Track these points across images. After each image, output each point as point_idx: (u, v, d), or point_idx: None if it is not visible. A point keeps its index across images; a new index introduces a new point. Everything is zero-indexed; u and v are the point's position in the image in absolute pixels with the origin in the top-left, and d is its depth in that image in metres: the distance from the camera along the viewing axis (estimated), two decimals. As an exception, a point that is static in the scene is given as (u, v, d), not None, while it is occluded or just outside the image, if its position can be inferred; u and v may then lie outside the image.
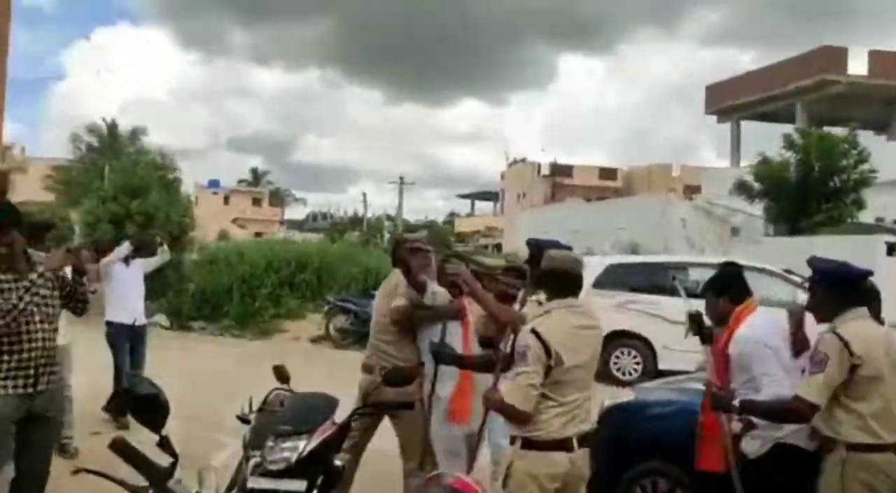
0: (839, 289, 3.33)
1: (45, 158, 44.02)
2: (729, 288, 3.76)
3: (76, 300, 4.05)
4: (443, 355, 4.09)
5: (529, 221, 33.66)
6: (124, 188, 15.98)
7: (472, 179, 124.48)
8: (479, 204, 63.75)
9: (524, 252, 4.64)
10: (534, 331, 3.17)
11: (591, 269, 11.29)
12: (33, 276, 3.73)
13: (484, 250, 34.92)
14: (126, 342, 7.14)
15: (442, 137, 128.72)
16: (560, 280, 3.31)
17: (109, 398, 7.11)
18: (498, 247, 45.89)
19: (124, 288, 7.19)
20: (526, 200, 47.93)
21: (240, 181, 68.41)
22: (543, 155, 51.49)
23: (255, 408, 4.29)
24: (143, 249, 7.52)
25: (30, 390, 3.78)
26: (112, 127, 42.08)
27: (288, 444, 3.10)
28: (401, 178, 47.21)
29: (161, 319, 14.99)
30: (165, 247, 7.88)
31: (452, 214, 68.83)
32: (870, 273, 3.44)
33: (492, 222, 55.80)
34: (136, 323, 7.26)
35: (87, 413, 6.76)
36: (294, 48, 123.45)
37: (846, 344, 3.16)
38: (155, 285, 15.85)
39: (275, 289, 15.19)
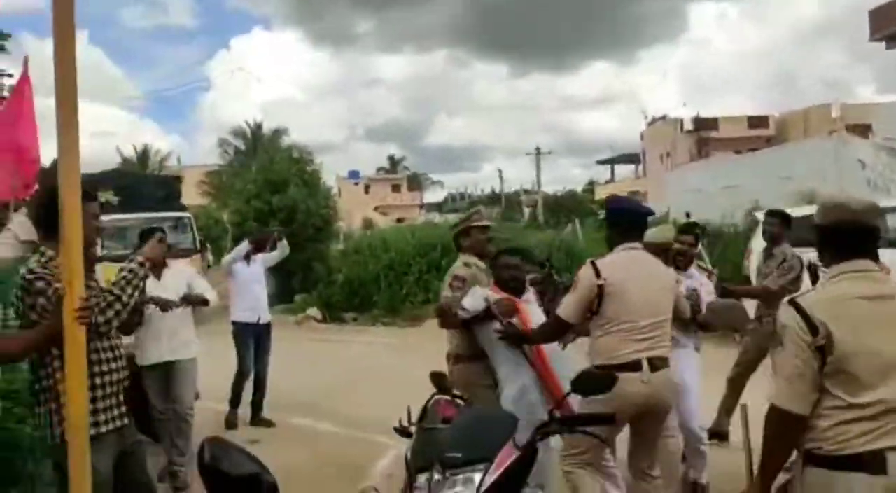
0: None
1: (199, 165, 46.66)
2: None
3: (133, 312, 3.19)
4: (509, 335, 3.83)
5: (677, 181, 31.70)
6: (265, 185, 16.14)
7: (609, 143, 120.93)
8: (619, 168, 61.47)
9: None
10: (793, 302, 2.28)
11: (769, 225, 10.12)
12: (133, 265, 2.96)
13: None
14: (251, 341, 7.07)
15: (573, 104, 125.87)
16: (846, 236, 2.35)
17: (227, 415, 7.00)
18: (644, 211, 43.95)
19: (247, 286, 7.10)
20: (670, 160, 45.48)
21: (378, 169, 69.68)
22: (685, 110, 48.59)
23: (415, 418, 3.79)
24: (262, 246, 7.43)
25: (125, 420, 3.06)
26: (256, 130, 43.88)
27: (460, 477, 2.47)
28: (537, 149, 45.99)
29: (314, 311, 15.05)
30: (285, 242, 7.67)
31: (592, 182, 66.84)
32: None
33: (634, 186, 53.58)
34: (261, 321, 7.14)
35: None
36: (418, 32, 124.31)
37: None
38: (305, 278, 16.11)
39: (422, 274, 14.84)
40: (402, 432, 3.73)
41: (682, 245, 4.98)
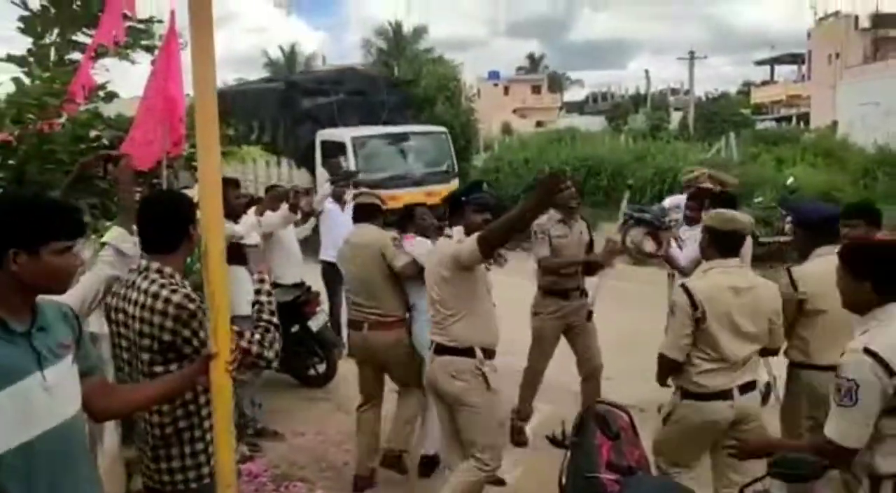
0: None
1: (344, 66, 46.81)
2: None
3: None
4: None
5: (849, 91, 28.81)
6: (410, 102, 15.74)
7: (769, 40, 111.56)
8: (779, 69, 56.60)
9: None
10: (683, 286, 3.51)
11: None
12: (268, 287, 2.66)
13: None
14: (339, 279, 7.04)
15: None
16: (733, 241, 3.54)
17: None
18: (805, 119, 40.37)
19: (336, 227, 7.07)
20: (839, 62, 41.16)
21: (518, 69, 67.86)
22: (862, 5, 43.34)
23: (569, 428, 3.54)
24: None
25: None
26: (397, 29, 43.36)
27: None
28: (691, 52, 42.73)
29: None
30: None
31: (747, 83, 62.20)
32: None
33: (795, 90, 49.29)
34: None
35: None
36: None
37: None
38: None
39: (564, 198, 14.26)
40: (556, 443, 3.51)
41: (688, 210, 5.80)
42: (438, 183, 11.63)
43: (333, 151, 13.02)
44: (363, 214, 4.94)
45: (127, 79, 7.03)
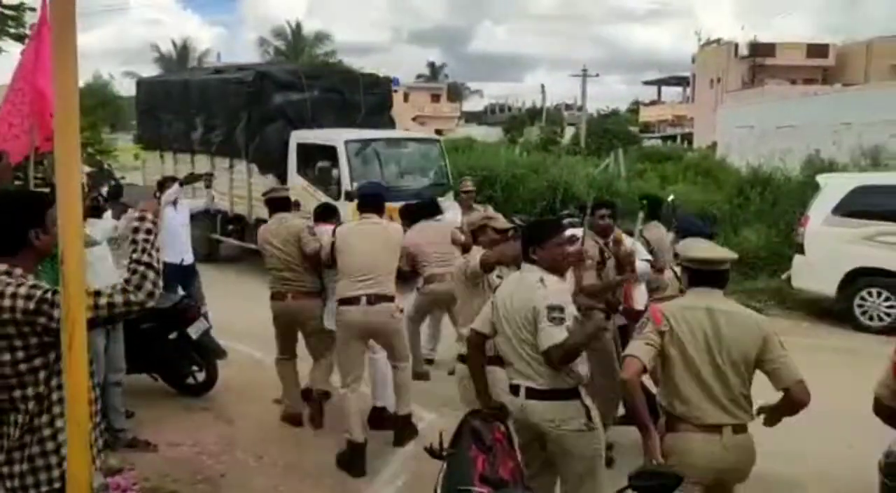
0: None
1: (239, 62, 45.62)
2: None
3: None
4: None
5: (728, 114, 30.41)
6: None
7: (657, 62, 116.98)
8: (666, 90, 59.37)
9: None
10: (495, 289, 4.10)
11: (831, 192, 9.42)
12: (148, 225, 2.47)
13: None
14: (177, 281, 7.43)
15: (623, 17, 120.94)
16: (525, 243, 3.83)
17: None
18: (689, 138, 42.48)
19: (173, 230, 7.44)
20: (720, 86, 43.64)
21: (418, 77, 68.17)
22: (741, 34, 46.12)
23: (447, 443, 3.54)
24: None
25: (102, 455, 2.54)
26: (296, 30, 42.79)
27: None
28: (584, 70, 44.02)
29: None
30: (213, 192, 8.75)
31: (636, 102, 64.85)
32: None
33: (680, 111, 51.78)
34: (184, 262, 7.62)
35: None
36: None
37: None
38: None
39: (461, 207, 14.34)
40: (434, 454, 3.50)
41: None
42: (436, 195, 9.93)
43: (317, 155, 11.37)
44: (281, 205, 6.01)
45: (-7, 68, 6.61)
